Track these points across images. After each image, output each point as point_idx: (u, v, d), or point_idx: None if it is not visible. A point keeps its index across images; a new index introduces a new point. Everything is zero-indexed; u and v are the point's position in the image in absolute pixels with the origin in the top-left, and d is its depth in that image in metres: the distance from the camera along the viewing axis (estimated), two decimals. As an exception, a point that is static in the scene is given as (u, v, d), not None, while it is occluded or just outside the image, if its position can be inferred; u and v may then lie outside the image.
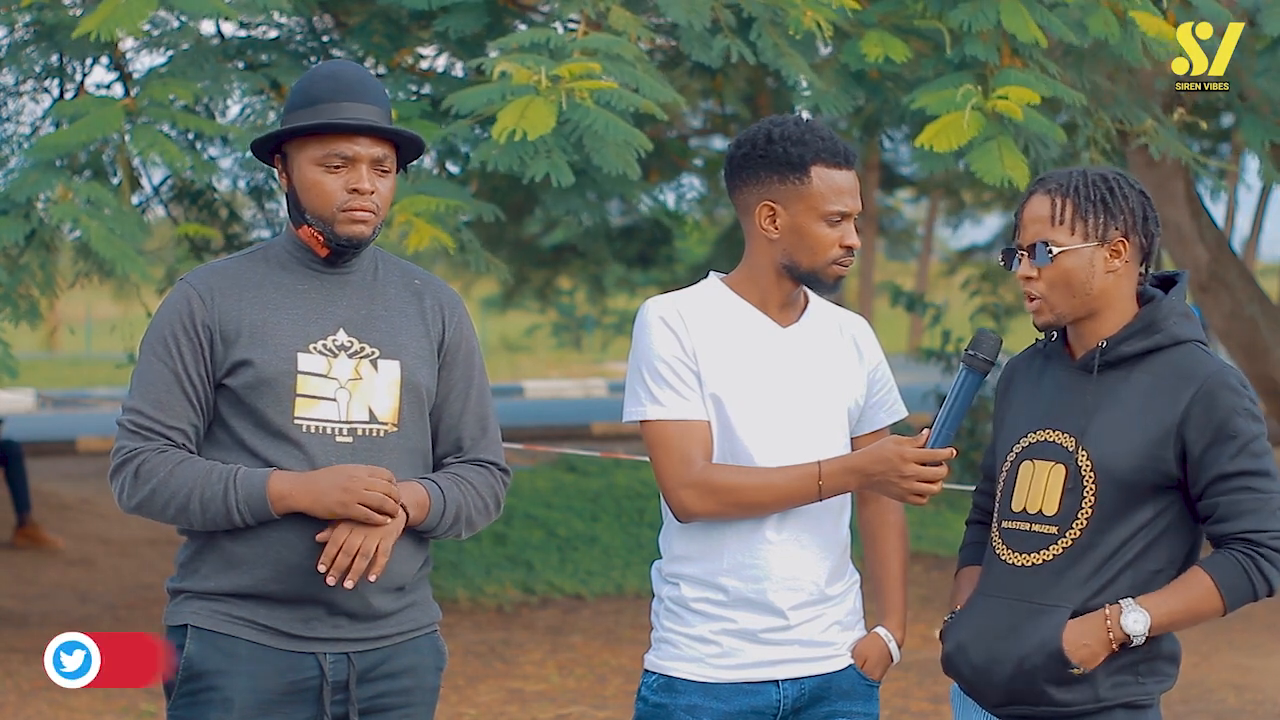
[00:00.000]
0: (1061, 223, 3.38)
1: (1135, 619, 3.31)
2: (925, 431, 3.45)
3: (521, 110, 6.00)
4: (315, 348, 3.40)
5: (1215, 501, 3.32)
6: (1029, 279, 3.41)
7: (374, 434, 3.41)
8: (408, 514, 3.36)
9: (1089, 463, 3.36)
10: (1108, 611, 3.32)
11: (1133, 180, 3.44)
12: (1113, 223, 3.38)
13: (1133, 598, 3.32)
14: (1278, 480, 3.33)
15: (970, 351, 3.44)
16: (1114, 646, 3.32)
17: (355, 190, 3.39)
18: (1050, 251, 3.37)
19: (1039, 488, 3.39)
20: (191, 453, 3.38)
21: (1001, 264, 3.50)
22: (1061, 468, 3.37)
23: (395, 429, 3.43)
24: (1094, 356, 3.40)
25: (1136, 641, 3.32)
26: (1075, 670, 3.32)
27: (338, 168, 3.40)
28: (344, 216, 3.40)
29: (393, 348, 3.45)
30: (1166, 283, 3.51)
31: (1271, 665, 8.74)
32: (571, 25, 6.90)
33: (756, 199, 3.58)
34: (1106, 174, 3.42)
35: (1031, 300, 3.43)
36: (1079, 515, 3.36)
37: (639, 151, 6.35)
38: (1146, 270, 3.46)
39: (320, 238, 3.43)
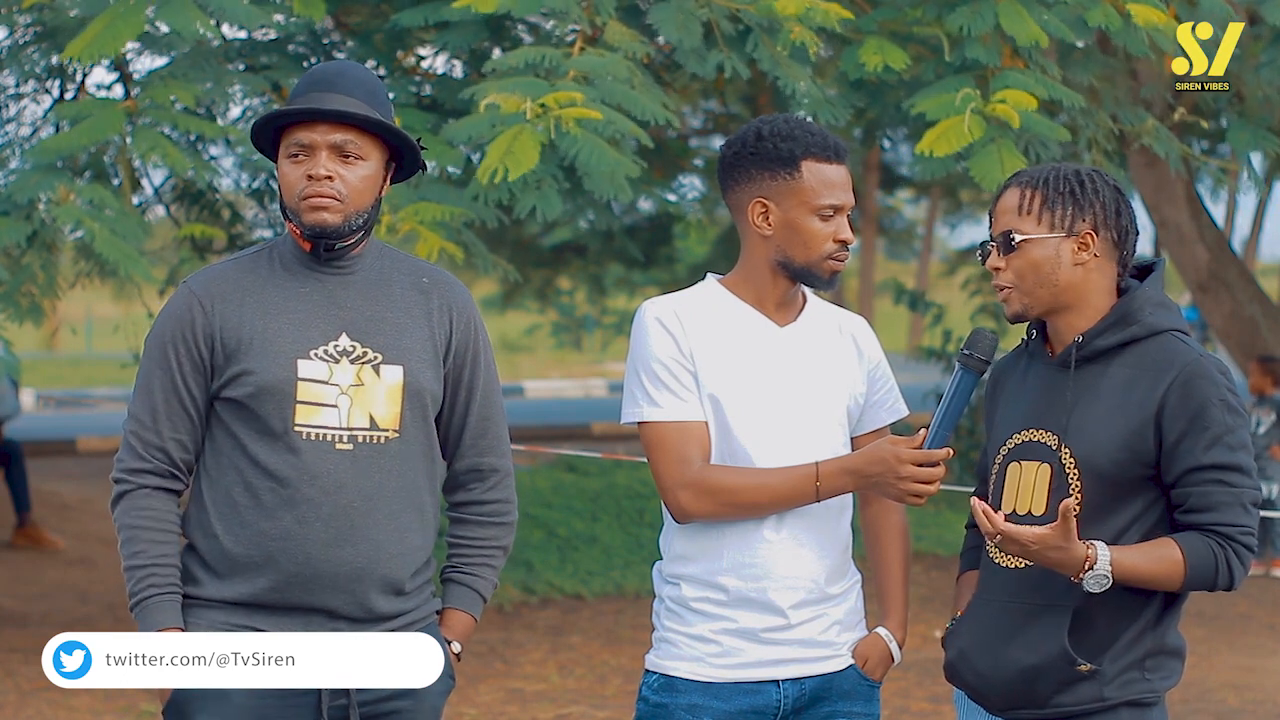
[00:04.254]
0: (1028, 213, 3.38)
1: (1105, 557, 3.22)
2: (922, 432, 3.45)
3: (508, 144, 6.06)
4: (316, 354, 3.38)
5: (1187, 492, 3.29)
6: (997, 269, 3.41)
7: (375, 441, 3.39)
8: (458, 657, 3.59)
9: (1072, 460, 3.33)
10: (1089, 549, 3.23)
11: (1108, 177, 3.42)
12: (1080, 215, 3.36)
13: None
14: (1251, 475, 3.31)
15: (966, 351, 3.43)
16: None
17: (311, 176, 3.36)
18: (1014, 239, 3.37)
19: (1027, 489, 3.36)
20: (181, 473, 3.40)
21: (979, 259, 3.50)
22: (1047, 467, 3.35)
23: (396, 435, 3.40)
24: (1071, 352, 3.39)
25: (1095, 567, 3.21)
26: (1080, 668, 3.31)
27: (297, 156, 3.37)
28: (305, 205, 3.36)
29: (396, 352, 3.42)
30: (1144, 271, 3.49)
31: (1271, 665, 8.74)
32: (571, 35, 6.91)
33: (749, 197, 3.58)
34: (1081, 170, 3.41)
35: (1000, 290, 3.43)
36: (1067, 514, 3.35)
37: (640, 162, 6.44)
38: (1125, 266, 3.45)
39: (297, 231, 3.41)
